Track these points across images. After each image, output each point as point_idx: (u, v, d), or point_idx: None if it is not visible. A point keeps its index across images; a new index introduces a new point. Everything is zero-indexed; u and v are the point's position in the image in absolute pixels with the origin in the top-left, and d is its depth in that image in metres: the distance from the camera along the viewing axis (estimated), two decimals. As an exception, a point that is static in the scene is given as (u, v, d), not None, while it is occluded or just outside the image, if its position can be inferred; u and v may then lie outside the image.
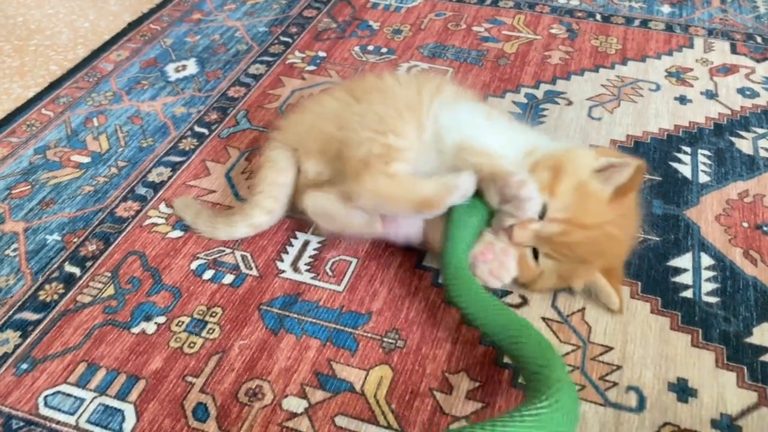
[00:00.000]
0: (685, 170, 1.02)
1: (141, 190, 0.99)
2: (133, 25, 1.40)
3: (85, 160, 1.05)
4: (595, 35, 1.34)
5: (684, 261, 0.88)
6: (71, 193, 0.99)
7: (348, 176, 0.81)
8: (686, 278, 0.86)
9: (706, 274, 0.86)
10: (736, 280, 0.85)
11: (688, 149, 1.06)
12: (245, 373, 0.75)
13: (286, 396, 0.73)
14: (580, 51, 1.30)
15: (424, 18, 1.40)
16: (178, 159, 1.05)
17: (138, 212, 0.95)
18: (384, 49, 1.31)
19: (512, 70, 1.24)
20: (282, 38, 1.35)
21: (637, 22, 1.37)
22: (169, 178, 1.01)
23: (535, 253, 0.78)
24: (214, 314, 0.81)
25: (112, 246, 0.90)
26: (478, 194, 0.78)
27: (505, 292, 0.84)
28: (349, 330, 0.80)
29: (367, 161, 0.80)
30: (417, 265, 0.88)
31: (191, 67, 1.26)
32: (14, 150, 1.07)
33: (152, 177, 1.01)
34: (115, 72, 1.26)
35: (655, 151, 1.05)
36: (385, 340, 0.78)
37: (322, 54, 1.30)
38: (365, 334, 0.79)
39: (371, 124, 0.83)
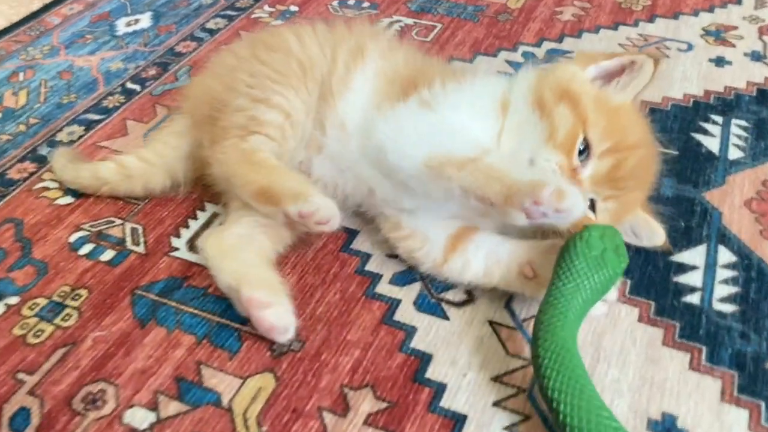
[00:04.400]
0: (712, 143, 0.80)
1: (43, 151, 0.84)
2: (97, -21, 1.27)
3: (-3, 116, 0.92)
4: (620, -11, 1.11)
5: (694, 256, 0.66)
6: (-32, 151, 0.85)
7: (207, 140, 0.69)
8: (694, 278, 0.64)
9: (722, 273, 0.64)
10: (763, 284, 0.63)
11: (718, 119, 0.83)
12: (90, 373, 0.59)
13: (132, 406, 0.56)
14: (599, 7, 1.08)
15: (421, -29, 1.21)
16: (96, 117, 0.90)
17: (32, 174, 0.81)
18: (366, 4, 1.13)
19: (513, 27, 1.04)
20: (254, -8, 1.18)
21: (674, -25, 1.14)
22: (80, 137, 0.86)
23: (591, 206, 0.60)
24: (77, 297, 0.65)
25: (-9, 212, 0.76)
26: (611, 239, 0.57)
27: (447, 287, 0.64)
28: (235, 326, 0.62)
29: (227, 129, 0.67)
30: (343, 248, 0.69)
31: (145, 21, 1.12)
32: (-74, 104, 0.95)
33: (61, 136, 0.87)
34: (62, 26, 1.12)
35: (675, 120, 0.83)
36: (278, 340, 0.60)
37: (293, 8, 1.13)
38: (253, 331, 0.61)
39: (251, 91, 0.68)
